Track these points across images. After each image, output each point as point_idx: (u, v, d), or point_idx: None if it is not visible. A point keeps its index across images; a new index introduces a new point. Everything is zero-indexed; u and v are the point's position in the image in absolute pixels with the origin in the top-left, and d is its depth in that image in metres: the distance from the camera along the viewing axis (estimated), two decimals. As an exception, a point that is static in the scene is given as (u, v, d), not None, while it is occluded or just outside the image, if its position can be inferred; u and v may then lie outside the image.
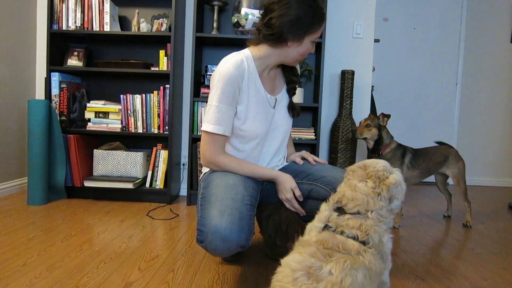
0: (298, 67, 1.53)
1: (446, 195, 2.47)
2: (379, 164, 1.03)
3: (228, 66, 1.28)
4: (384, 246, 0.96)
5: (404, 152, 2.21)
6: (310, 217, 1.44)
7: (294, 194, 1.33)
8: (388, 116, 2.22)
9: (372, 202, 0.99)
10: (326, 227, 0.97)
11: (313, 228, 1.00)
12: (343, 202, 1.01)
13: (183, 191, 2.75)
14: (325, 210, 1.03)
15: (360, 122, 2.29)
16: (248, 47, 1.38)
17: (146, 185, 2.50)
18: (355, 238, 0.91)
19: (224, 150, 1.34)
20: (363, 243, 0.91)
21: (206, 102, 1.44)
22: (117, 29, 2.55)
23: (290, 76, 1.47)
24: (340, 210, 1.00)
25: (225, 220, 1.13)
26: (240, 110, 1.32)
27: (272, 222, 1.55)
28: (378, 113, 3.16)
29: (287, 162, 1.54)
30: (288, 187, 1.32)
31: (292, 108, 1.47)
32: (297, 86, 1.49)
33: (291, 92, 1.48)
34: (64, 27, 2.45)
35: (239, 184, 1.26)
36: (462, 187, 2.26)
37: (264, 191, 1.44)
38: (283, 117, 1.45)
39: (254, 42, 1.36)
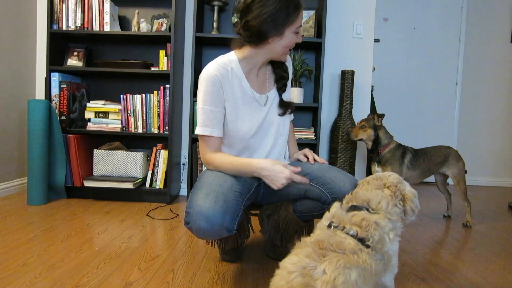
0: (290, 62, 1.51)
1: (446, 195, 2.47)
2: (392, 176, 1.09)
3: (209, 68, 1.30)
4: (385, 244, 0.96)
5: (404, 152, 2.21)
6: (309, 217, 1.45)
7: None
8: (382, 116, 2.23)
9: (385, 202, 1.02)
10: (330, 224, 0.98)
11: (319, 226, 1.02)
12: (354, 199, 1.04)
13: (183, 191, 2.75)
14: (333, 208, 1.05)
15: (357, 123, 2.29)
16: (232, 50, 1.38)
17: (146, 185, 2.50)
18: (354, 236, 0.92)
19: (216, 149, 1.35)
20: (362, 240, 0.92)
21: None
22: (117, 29, 2.55)
23: (281, 72, 1.45)
24: (350, 208, 1.02)
25: (209, 201, 1.16)
26: (228, 111, 1.34)
27: (272, 221, 1.55)
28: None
29: (289, 161, 1.54)
30: (280, 181, 1.22)
31: (283, 105, 1.45)
32: (287, 82, 1.46)
33: (281, 90, 1.45)
34: (64, 27, 2.45)
35: (231, 176, 1.30)
36: (462, 187, 2.26)
37: (264, 189, 1.44)
38: (276, 114, 1.44)
39: (237, 45, 1.37)
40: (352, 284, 0.81)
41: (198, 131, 1.32)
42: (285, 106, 1.45)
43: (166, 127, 2.47)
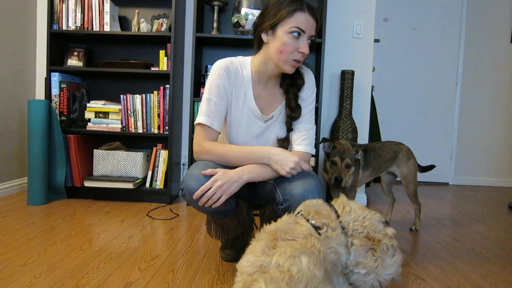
0: (310, 79, 1.42)
1: (390, 199, 2.28)
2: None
3: (220, 61, 1.34)
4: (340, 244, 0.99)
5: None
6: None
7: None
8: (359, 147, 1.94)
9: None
10: (299, 212, 1.03)
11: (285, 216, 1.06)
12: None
13: (183, 191, 2.74)
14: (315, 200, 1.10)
15: (334, 162, 1.85)
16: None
17: (146, 185, 2.50)
18: (313, 223, 0.97)
19: (213, 141, 1.33)
20: (317, 228, 0.96)
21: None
22: (117, 29, 2.55)
23: (293, 80, 1.37)
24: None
25: (199, 167, 1.25)
26: (228, 112, 1.35)
27: (264, 219, 1.55)
28: (378, 114, 3.16)
29: None
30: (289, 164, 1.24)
31: (291, 110, 1.35)
32: (298, 90, 1.37)
33: (291, 102, 1.36)
34: (64, 27, 2.45)
35: (222, 166, 1.31)
36: (411, 189, 2.09)
37: (261, 189, 1.44)
38: (277, 133, 1.39)
39: (256, 50, 1.37)
40: (305, 272, 0.83)
41: (200, 119, 1.29)
42: (293, 110, 1.35)
43: (166, 127, 2.47)
